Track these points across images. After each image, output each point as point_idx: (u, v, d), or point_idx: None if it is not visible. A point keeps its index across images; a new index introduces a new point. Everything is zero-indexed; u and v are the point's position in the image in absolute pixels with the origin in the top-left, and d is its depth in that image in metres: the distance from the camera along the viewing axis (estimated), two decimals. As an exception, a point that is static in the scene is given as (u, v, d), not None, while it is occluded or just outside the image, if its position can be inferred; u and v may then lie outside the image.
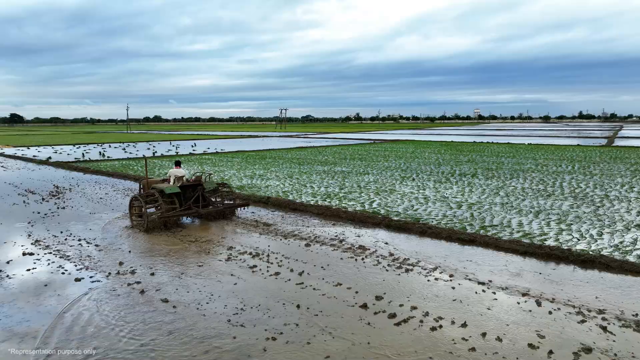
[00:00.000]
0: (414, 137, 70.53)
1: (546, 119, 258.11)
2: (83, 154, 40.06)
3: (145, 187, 14.09)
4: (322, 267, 9.28)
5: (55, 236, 11.84)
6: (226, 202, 14.26)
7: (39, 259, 9.89)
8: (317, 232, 12.03)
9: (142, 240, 11.46)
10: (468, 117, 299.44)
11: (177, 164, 14.22)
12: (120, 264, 9.51)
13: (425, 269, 9.09)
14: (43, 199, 17.47)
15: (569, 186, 18.68)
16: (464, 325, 6.67)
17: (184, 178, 13.74)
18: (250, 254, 10.19)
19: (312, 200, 16.14)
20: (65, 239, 11.52)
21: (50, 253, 10.34)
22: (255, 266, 9.33)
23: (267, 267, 9.30)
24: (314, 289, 8.10)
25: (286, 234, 11.93)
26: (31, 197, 18.07)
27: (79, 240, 11.46)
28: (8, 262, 9.70)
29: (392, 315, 6.98)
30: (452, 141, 54.70)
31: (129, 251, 10.44)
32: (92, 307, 7.39)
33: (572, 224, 12.30)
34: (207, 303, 7.49)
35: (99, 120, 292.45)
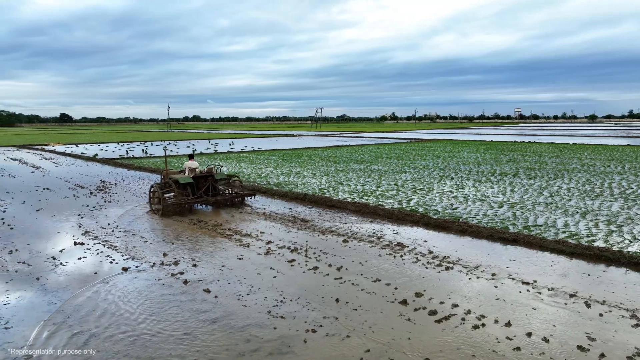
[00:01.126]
0: (452, 136, 69.13)
1: (592, 118, 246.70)
2: (127, 151, 41.60)
3: (165, 177, 15.50)
4: (360, 263, 9.26)
5: (103, 227, 12.36)
6: (236, 191, 15.57)
7: (88, 249, 10.36)
8: (354, 229, 12.01)
9: (184, 233, 11.79)
10: (508, 117, 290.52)
11: (191, 157, 15.67)
12: (164, 255, 9.81)
13: (466, 267, 8.90)
14: (91, 193, 18.27)
15: (619, 187, 17.81)
16: (508, 324, 6.48)
17: (196, 170, 15.04)
18: (289, 248, 10.29)
19: (349, 197, 16.12)
20: (113, 231, 12.01)
21: (99, 243, 10.80)
22: (293, 260, 9.41)
23: (306, 261, 9.36)
24: (353, 284, 8.09)
25: (324, 230, 11.97)
26: (80, 191, 18.94)
27: (125, 231, 11.92)
28: (61, 251, 10.21)
29: (433, 312, 6.88)
30: (491, 141, 53.26)
31: (172, 243, 10.77)
32: (138, 295, 7.66)
33: (622, 226, 11.73)
34: (248, 294, 7.63)
35: (140, 120, 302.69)
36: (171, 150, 41.49)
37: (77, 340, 6.18)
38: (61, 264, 9.30)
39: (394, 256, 9.66)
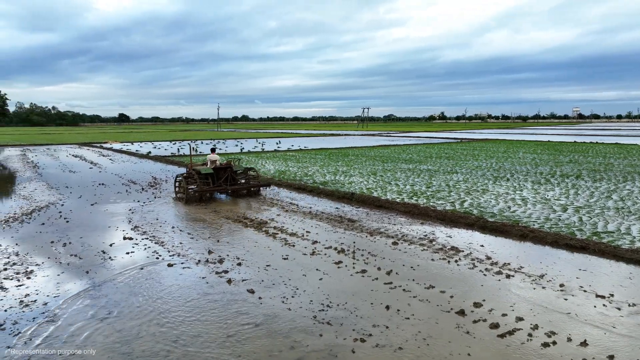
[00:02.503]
0: (505, 136, 66.22)
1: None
2: (178, 149, 42.83)
3: (189, 170, 16.85)
4: (411, 267, 8.69)
5: (151, 223, 12.48)
6: (252, 182, 17.21)
7: (136, 244, 10.42)
8: (404, 231, 11.42)
9: (230, 231, 11.66)
10: (566, 116, 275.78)
11: (212, 150, 17.59)
12: (210, 252, 9.68)
13: (529, 276, 8.12)
14: (142, 189, 18.71)
15: (701, 191, 16.05)
16: (584, 344, 5.73)
17: (217, 162, 16.60)
18: (336, 249, 9.87)
19: (397, 197, 15.49)
20: (160, 226, 12.08)
21: (147, 239, 10.86)
22: (340, 262, 8.98)
23: (353, 264, 8.91)
24: (404, 290, 7.55)
25: (372, 231, 11.46)
26: (132, 186, 19.45)
27: (173, 227, 11.96)
28: (111, 245, 10.33)
29: (495, 326, 6.23)
30: (548, 141, 50.44)
31: (217, 240, 10.64)
32: (182, 294, 7.51)
33: None
34: (293, 297, 7.28)
35: (192, 120, 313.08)
36: (220, 149, 42.29)
37: (121, 337, 6.06)
38: (110, 258, 9.37)
39: (448, 261, 9.01)
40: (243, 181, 17.19)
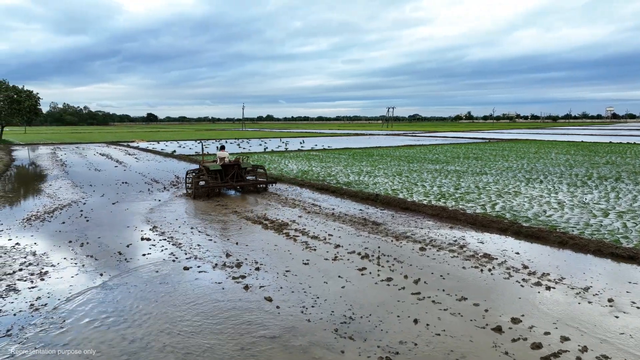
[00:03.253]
0: (535, 136, 64.15)
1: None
2: (202, 148, 42.97)
3: (201, 166, 17.42)
4: (441, 275, 8.08)
5: (170, 223, 12.21)
6: (259, 179, 17.72)
7: (154, 245, 10.14)
8: (432, 235, 10.78)
9: (250, 233, 11.27)
10: (599, 116, 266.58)
11: (222, 148, 18.32)
12: (228, 255, 9.29)
13: (573, 289, 7.40)
14: (164, 188, 18.59)
15: None
16: (642, 371, 5.05)
17: (225, 159, 17.27)
18: (359, 254, 9.34)
19: (424, 199, 14.82)
20: (180, 227, 11.80)
21: (165, 239, 10.57)
22: (364, 269, 8.44)
23: (378, 270, 8.36)
24: (434, 301, 6.96)
25: (398, 235, 10.87)
26: (155, 185, 19.37)
27: (192, 228, 11.65)
28: (128, 246, 10.08)
29: (537, 346, 5.58)
30: (581, 141, 48.48)
31: (236, 243, 10.25)
32: (196, 300, 7.12)
33: None
34: (313, 307, 6.79)
35: (218, 119, 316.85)
36: (244, 148, 42.26)
37: (128, 347, 5.70)
38: (125, 259, 9.09)
39: (481, 270, 8.36)
40: (251, 178, 17.78)
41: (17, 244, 10.25)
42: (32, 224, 12.25)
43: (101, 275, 8.21)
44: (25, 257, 9.21)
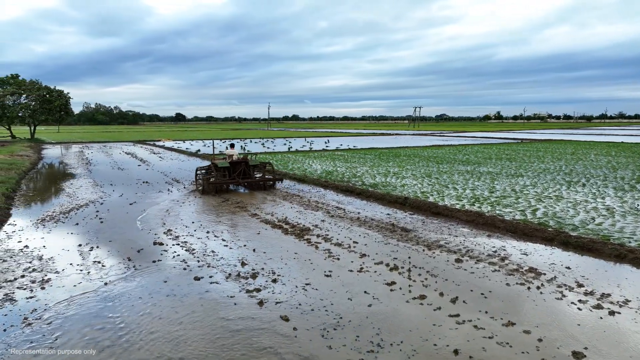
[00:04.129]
0: (569, 137, 61.48)
1: None
2: (227, 147, 42.68)
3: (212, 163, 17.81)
4: (482, 294, 7.08)
5: (186, 226, 11.56)
6: (267, 176, 17.96)
7: (165, 250, 9.47)
8: (468, 244, 9.75)
9: (269, 238, 10.49)
10: (636, 116, 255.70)
11: (232, 146, 18.93)
12: (243, 264, 8.52)
13: (641, 315, 6.29)
14: (184, 188, 18.07)
15: None
16: None
17: (234, 157, 17.63)
18: (387, 265, 8.42)
19: (457, 204, 13.74)
20: (195, 230, 11.13)
21: (178, 244, 9.90)
22: (393, 283, 7.52)
23: (409, 286, 7.42)
24: (476, 326, 5.99)
25: (429, 243, 9.88)
26: (175, 185, 18.88)
27: (207, 232, 10.96)
28: (139, 251, 9.44)
29: (609, 390, 4.57)
30: (622, 142, 45.95)
31: (254, 250, 9.48)
32: (204, 318, 6.36)
33: None
34: (335, 329, 5.92)
35: (244, 119, 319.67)
36: (268, 148, 41.76)
37: (124, 374, 4.97)
38: (134, 267, 8.43)
39: (528, 287, 7.32)
40: (259, 175, 18.12)
41: (26, 246, 9.77)
42: (45, 225, 11.82)
43: (105, 284, 7.56)
44: (30, 262, 8.67)
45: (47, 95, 57.27)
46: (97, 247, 9.76)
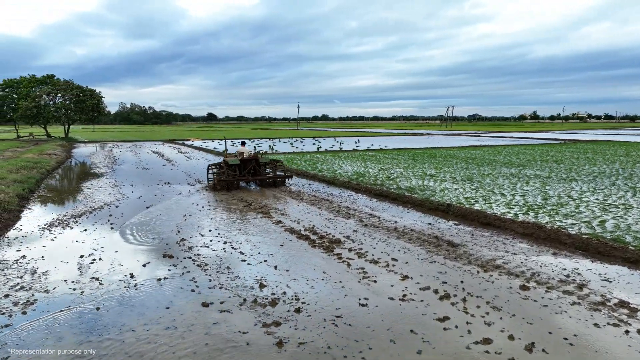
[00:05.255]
0: (615, 137, 57.67)
1: None
2: (255, 147, 41.78)
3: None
4: (565, 338, 5.47)
5: (202, 235, 10.34)
6: (277, 173, 18.22)
7: (174, 265, 8.24)
8: (531, 265, 8.09)
9: (294, 252, 9.12)
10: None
11: (243, 143, 19.43)
12: (262, 286, 7.17)
13: None
14: (206, 189, 16.98)
15: None
16: None
17: (244, 154, 17.82)
18: (436, 291, 6.90)
19: (508, 212, 12.02)
20: (211, 241, 9.88)
21: (190, 258, 8.66)
22: (447, 318, 6.00)
23: (467, 323, 5.88)
24: (568, 392, 4.42)
25: (484, 262, 8.28)
26: (197, 186, 17.83)
27: (225, 242, 9.69)
28: (144, 265, 8.25)
29: None
30: (678, 143, 42.41)
31: (275, 267, 8.12)
32: None
33: None
34: (376, 390, 4.47)
35: (274, 119, 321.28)
36: (297, 147, 40.59)
37: None
38: (135, 286, 7.22)
39: (626, 331, 5.65)
40: (269, 171, 18.34)
41: (24, 256, 8.75)
42: (51, 230, 10.84)
43: (97, 309, 6.35)
44: (21, 277, 7.60)
45: (80, 95, 58.03)
46: (100, 259, 8.62)
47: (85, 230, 10.87)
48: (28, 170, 20.47)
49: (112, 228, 11.07)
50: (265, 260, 8.46)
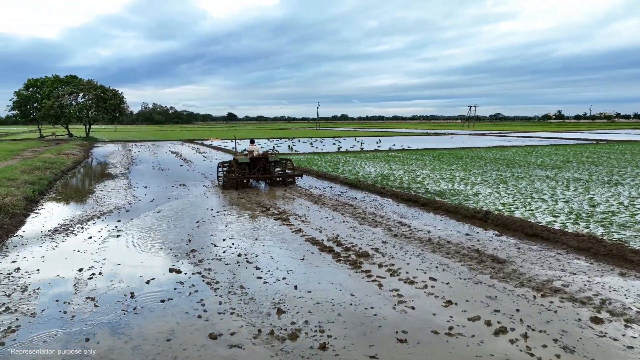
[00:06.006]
0: (654, 137, 54.91)
1: None
2: (274, 147, 40.93)
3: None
4: (668, 397, 4.26)
5: (215, 245, 9.37)
6: (287, 172, 18.13)
7: (181, 283, 7.27)
8: (598, 289, 6.85)
9: (319, 270, 8.05)
10: None
11: (252, 142, 19.16)
12: (280, 311, 6.13)
13: None
14: (222, 192, 16.07)
15: None
16: None
17: (254, 152, 17.86)
18: (488, 323, 5.73)
19: (554, 221, 10.72)
20: (224, 252, 8.89)
21: (199, 273, 7.68)
22: (507, 362, 4.83)
23: (534, 369, 4.72)
24: None
25: (539, 285, 7.06)
26: (212, 190, 16.93)
27: (239, 255, 8.70)
28: (148, 282, 7.30)
29: None
30: None
31: (295, 286, 7.07)
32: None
33: None
34: None
35: (294, 119, 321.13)
36: (316, 147, 39.58)
37: None
38: (133, 310, 6.24)
39: None
40: (279, 170, 18.36)
41: (18, 269, 7.91)
42: (54, 238, 10.03)
43: (87, 340, 5.40)
44: (9, 296, 6.72)
45: (102, 95, 58.22)
46: (100, 273, 7.72)
47: (90, 237, 10.03)
48: (42, 170, 19.94)
49: (118, 235, 10.20)
50: (284, 278, 7.41)
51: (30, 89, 61.12)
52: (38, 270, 7.86)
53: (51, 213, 12.82)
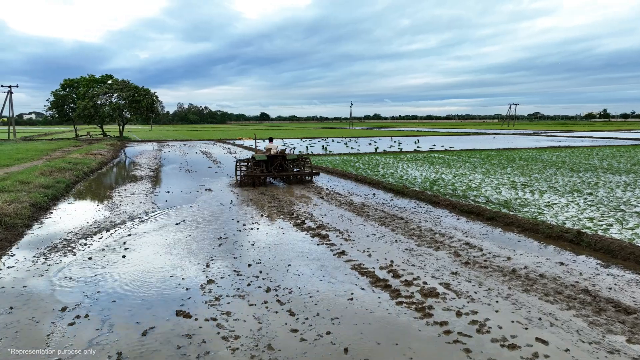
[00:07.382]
0: None
1: None
2: (307, 147, 39.18)
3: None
4: None
5: (238, 274, 7.42)
6: (305, 170, 17.85)
7: (189, 336, 5.33)
8: None
9: (369, 314, 5.98)
10: None
11: (270, 140, 18.74)
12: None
13: None
14: (250, 200, 14.20)
15: None
16: None
17: (272, 150, 17.69)
18: None
19: (673, 246, 8.22)
20: (249, 285, 6.92)
21: (214, 319, 5.74)
22: None
23: None
24: None
25: None
26: (241, 197, 15.11)
27: (267, 290, 6.71)
28: (144, 334, 5.40)
29: None
30: None
31: (345, 349, 5.02)
32: None
33: None
34: None
35: (326, 118, 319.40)
36: (352, 148, 37.50)
37: None
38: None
39: None
40: (297, 169, 18.09)
41: (-12, 305, 6.20)
42: (48, 258, 8.35)
43: None
44: (-44, 352, 4.99)
45: (135, 95, 58.02)
46: (87, 316, 5.90)
47: (90, 259, 8.29)
48: (62, 172, 18.70)
49: (123, 256, 8.43)
50: (328, 333, 5.37)
51: (67, 89, 61.67)
52: (11, 309, 6.10)
53: (57, 223, 11.26)
